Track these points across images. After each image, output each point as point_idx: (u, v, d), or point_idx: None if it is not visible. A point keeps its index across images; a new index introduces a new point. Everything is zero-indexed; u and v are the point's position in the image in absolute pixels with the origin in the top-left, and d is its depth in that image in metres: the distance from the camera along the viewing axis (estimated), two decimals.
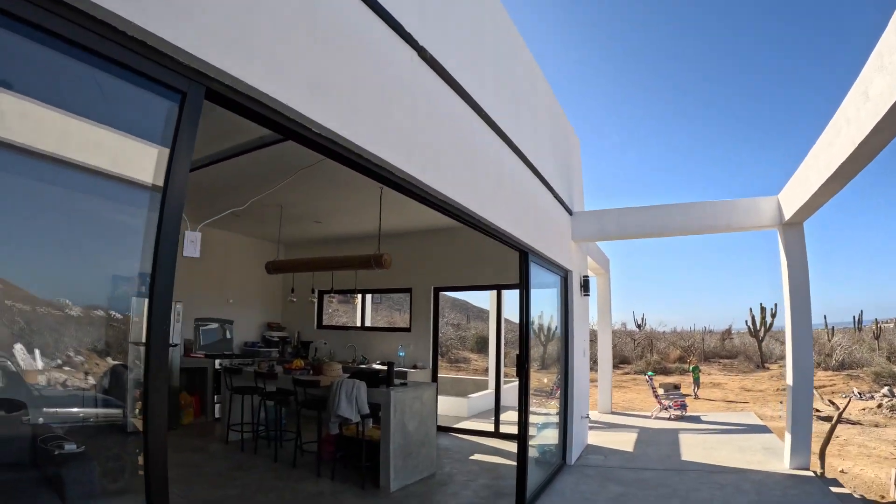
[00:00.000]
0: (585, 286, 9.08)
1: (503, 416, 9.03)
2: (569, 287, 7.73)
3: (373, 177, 3.07)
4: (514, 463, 7.15)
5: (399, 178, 3.14)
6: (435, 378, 9.30)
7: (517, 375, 5.41)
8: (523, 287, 5.52)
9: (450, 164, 3.63)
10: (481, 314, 29.25)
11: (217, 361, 9.14)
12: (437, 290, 9.60)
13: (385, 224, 8.99)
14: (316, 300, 10.77)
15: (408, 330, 9.75)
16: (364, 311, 10.79)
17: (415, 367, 9.22)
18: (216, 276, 10.24)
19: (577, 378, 7.54)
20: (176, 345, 8.43)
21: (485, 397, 11.58)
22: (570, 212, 7.94)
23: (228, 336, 10.31)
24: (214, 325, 10.11)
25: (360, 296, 10.67)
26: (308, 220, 8.99)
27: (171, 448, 6.96)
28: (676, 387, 12.15)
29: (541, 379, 7.71)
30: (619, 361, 23.81)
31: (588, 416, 9.64)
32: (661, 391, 11.59)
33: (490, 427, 9.00)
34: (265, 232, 10.16)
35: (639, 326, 29.34)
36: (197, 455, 7.02)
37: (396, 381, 6.56)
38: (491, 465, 7.12)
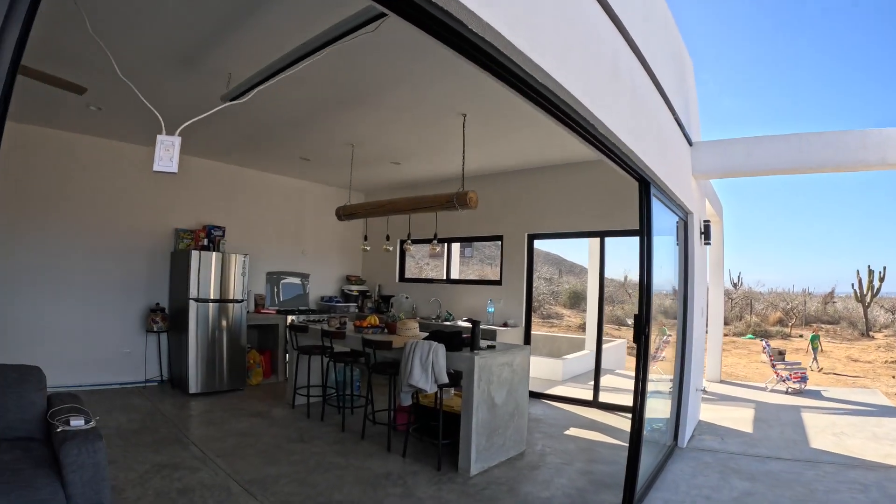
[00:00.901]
0: (706, 233, 7.69)
1: (602, 381, 7.88)
2: (689, 233, 6.36)
3: (433, 30, 1.96)
4: (617, 442, 6.00)
5: (474, 33, 2.01)
6: (528, 339, 8.22)
7: (635, 341, 4.17)
8: (644, 227, 4.17)
9: (549, 32, 2.45)
10: (573, 269, 28.00)
11: (289, 318, 8.43)
12: (532, 238, 8.42)
13: (473, 164, 7.90)
14: (395, 248, 9.89)
15: (498, 283, 8.67)
16: (449, 261, 9.78)
17: (505, 324, 8.18)
18: (289, 227, 9.52)
19: (694, 344, 6.27)
20: (242, 300, 7.75)
21: (581, 359, 10.45)
22: (689, 141, 6.54)
23: (304, 290, 9.61)
24: (288, 279, 9.42)
25: (445, 245, 9.69)
26: (385, 161, 8.01)
27: (231, 412, 5.46)
28: (781, 353, 10.64)
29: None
30: None
31: (704, 389, 8.31)
32: (765, 357, 10.05)
33: (587, 394, 7.86)
34: (341, 179, 9.29)
35: (734, 285, 27.00)
36: (257, 421, 6.30)
37: (483, 344, 5.51)
38: (589, 443, 5.99)
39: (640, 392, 3.99)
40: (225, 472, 4.73)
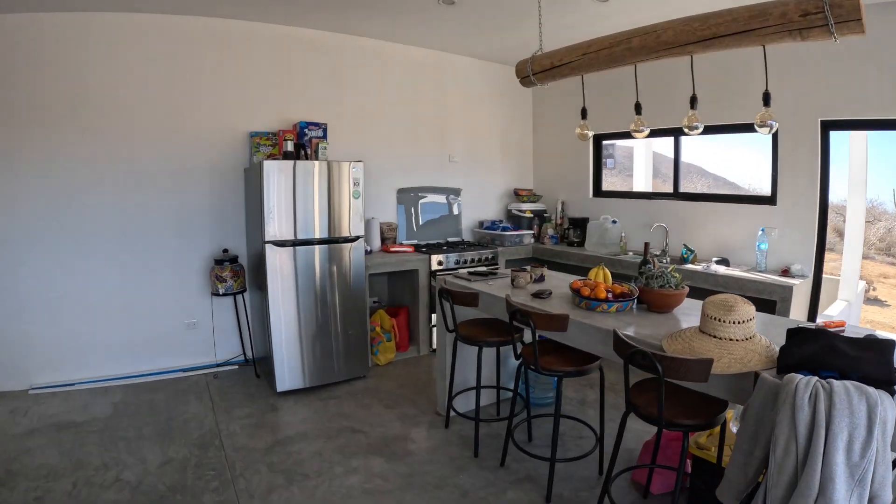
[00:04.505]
0: None
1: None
2: None
3: None
4: None
5: None
6: (815, 302, 4.63)
7: None
8: None
9: None
10: None
11: (434, 258, 5.36)
12: (827, 127, 4.56)
13: None
14: (589, 143, 6.42)
15: (769, 201, 4.94)
16: (677, 165, 5.98)
17: (785, 272, 4.55)
18: (427, 123, 6.24)
19: None
20: (358, 237, 4.69)
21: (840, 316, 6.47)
22: None
23: (453, 212, 6.46)
24: (429, 198, 6.29)
25: (673, 140, 5.98)
26: None
27: (337, 441, 3.73)
28: None
29: None
30: None
31: None
32: None
33: None
34: (502, 43, 5.86)
35: None
36: (380, 468, 3.30)
37: None
38: None
39: None
40: None
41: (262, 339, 4.71)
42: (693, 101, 3.04)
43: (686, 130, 3.06)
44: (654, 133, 5.80)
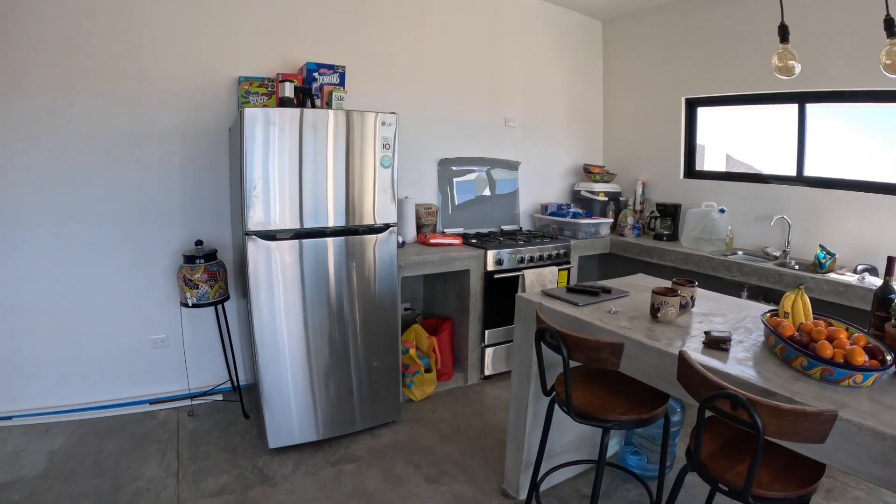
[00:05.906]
0: None
1: None
2: None
3: None
4: None
5: None
6: None
7: None
8: None
9: None
10: None
11: (493, 254, 3.98)
12: None
13: None
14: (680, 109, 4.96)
15: None
16: (802, 141, 4.38)
17: None
18: (478, 77, 4.81)
19: None
20: (388, 226, 3.28)
21: None
22: None
23: (503, 190, 5.03)
24: (477, 172, 4.87)
25: (797, 109, 4.41)
26: None
27: None
28: None
29: None
30: None
31: None
32: None
33: None
34: None
35: None
36: None
37: None
38: None
39: None
40: None
41: (252, 364, 3.38)
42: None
43: None
44: (775, 99, 4.36)
